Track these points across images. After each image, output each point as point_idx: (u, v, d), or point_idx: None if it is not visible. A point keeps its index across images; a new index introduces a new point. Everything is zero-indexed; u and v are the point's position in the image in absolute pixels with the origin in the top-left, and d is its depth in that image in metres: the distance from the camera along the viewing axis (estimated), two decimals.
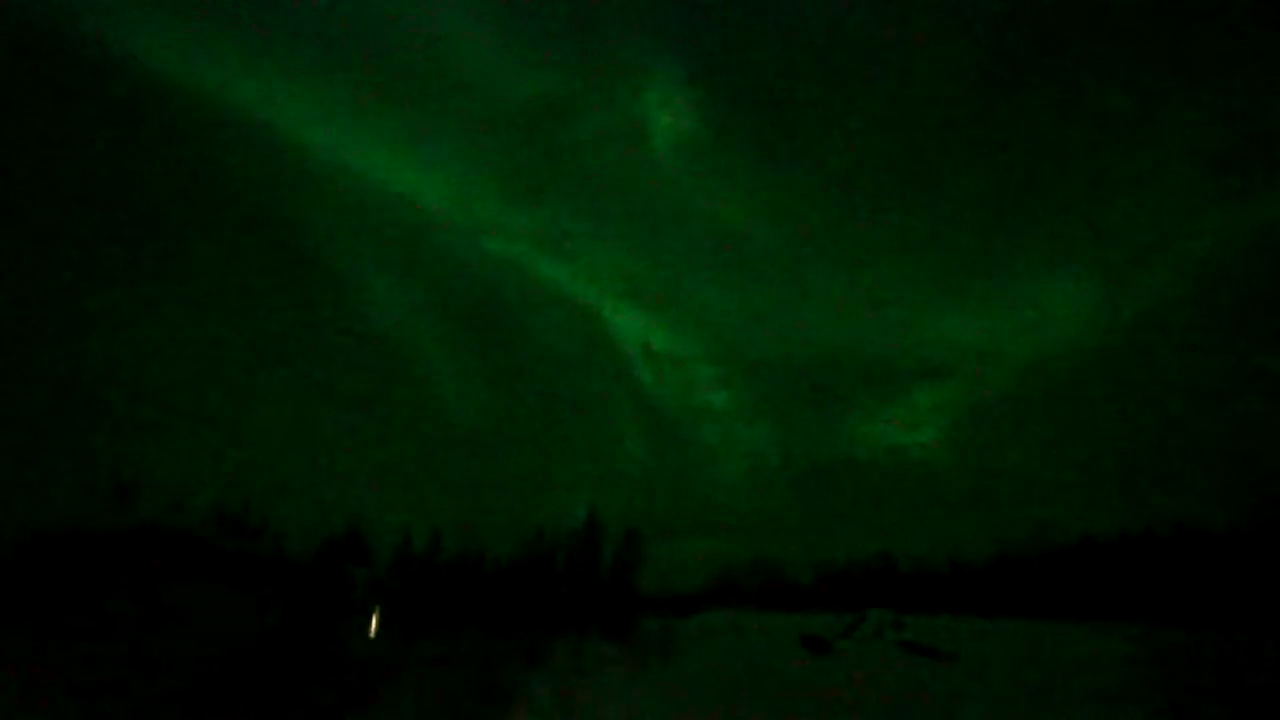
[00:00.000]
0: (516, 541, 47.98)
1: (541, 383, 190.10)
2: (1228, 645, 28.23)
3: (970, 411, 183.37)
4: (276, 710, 14.20)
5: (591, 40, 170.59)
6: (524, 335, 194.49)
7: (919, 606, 58.92)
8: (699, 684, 20.61)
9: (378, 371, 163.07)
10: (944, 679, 22.93)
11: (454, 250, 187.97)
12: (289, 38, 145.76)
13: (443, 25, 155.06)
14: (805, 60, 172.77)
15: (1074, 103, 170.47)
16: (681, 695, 18.71)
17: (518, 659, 25.23)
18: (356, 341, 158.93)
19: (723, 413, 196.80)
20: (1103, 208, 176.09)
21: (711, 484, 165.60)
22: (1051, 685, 21.42)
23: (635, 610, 44.09)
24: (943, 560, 73.33)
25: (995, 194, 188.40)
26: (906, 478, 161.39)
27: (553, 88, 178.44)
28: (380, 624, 33.05)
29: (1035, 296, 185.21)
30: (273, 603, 23.98)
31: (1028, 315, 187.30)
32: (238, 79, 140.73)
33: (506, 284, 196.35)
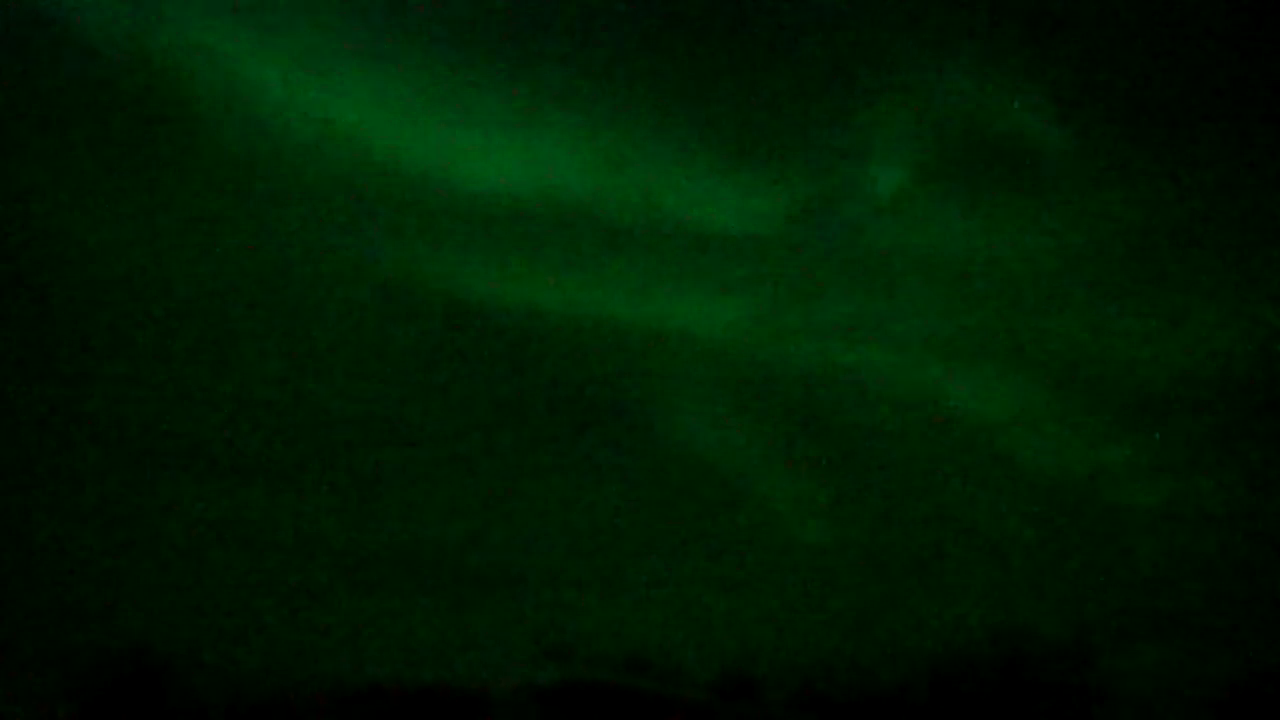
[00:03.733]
0: (911, 670, 41.95)
1: (887, 480, 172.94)
2: None
3: None
4: None
5: (814, 155, 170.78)
6: (853, 432, 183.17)
7: None
8: None
9: (713, 500, 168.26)
10: None
11: (758, 364, 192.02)
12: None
13: (677, 196, 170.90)
14: None
15: None
16: None
17: None
18: (684, 470, 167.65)
19: (1120, 471, 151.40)
20: None
21: (1140, 564, 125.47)
22: None
23: None
24: None
25: None
26: None
27: (787, 198, 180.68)
28: None
29: None
30: None
31: None
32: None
33: (820, 384, 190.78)
